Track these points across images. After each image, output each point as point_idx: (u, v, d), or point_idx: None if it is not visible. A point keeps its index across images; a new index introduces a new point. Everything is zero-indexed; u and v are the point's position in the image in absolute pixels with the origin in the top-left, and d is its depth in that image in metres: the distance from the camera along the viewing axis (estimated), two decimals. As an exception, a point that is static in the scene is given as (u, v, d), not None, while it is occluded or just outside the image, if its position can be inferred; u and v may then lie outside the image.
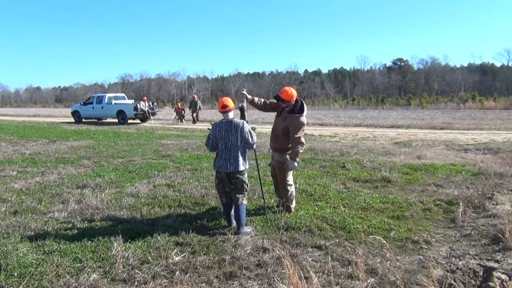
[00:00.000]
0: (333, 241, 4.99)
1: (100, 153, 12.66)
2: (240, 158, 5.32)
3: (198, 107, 27.80)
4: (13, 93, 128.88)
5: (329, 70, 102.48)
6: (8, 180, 8.60)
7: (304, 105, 5.98)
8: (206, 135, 5.59)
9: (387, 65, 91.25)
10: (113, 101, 28.88)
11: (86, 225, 5.61)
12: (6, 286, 3.87)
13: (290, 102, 5.89)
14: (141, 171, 9.52)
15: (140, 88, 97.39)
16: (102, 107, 28.45)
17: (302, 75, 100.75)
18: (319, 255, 4.63)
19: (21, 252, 4.61)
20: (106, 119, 29.99)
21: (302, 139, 5.81)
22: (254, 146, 5.44)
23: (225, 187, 5.42)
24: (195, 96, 29.17)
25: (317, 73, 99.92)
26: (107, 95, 29.77)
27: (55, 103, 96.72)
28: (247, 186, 5.46)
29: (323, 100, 66.52)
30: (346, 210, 6.25)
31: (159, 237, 5.04)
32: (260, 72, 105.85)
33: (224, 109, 5.41)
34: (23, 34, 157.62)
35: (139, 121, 28.73)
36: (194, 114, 27.49)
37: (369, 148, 13.17)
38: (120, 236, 4.93)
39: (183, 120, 28.94)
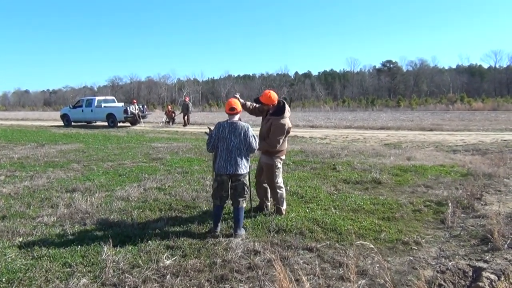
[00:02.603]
0: (324, 243, 5.00)
1: (90, 156, 12.56)
2: (242, 161, 5.33)
3: (189, 109, 27.77)
4: (0, 96, 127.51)
5: (319, 72, 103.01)
6: (-4, 185, 8.50)
7: (286, 106, 5.99)
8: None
9: (377, 67, 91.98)
10: (103, 104, 28.71)
11: (76, 229, 5.57)
12: (-6, 292, 3.83)
13: (269, 105, 5.99)
14: (131, 174, 9.47)
15: (130, 91, 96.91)
16: (92, 110, 28.26)
17: (292, 77, 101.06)
18: (310, 257, 4.63)
19: (9, 258, 4.56)
20: (95, 122, 29.77)
21: (277, 143, 5.88)
22: (256, 150, 5.48)
23: (222, 191, 5.36)
24: (187, 99, 29.08)
25: (308, 75, 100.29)
26: (97, 98, 29.55)
27: (44, 107, 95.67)
28: (248, 189, 5.47)
29: (313, 102, 66.74)
30: (337, 212, 6.27)
31: (149, 241, 5.01)
32: (251, 74, 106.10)
33: (232, 112, 5.46)
34: (10, 37, 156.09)
35: (129, 124, 28.58)
36: (185, 117, 27.44)
37: (360, 150, 13.23)
38: (111, 240, 4.89)
39: (174, 123, 28.87)
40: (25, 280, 4.04)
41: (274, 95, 5.97)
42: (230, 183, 5.37)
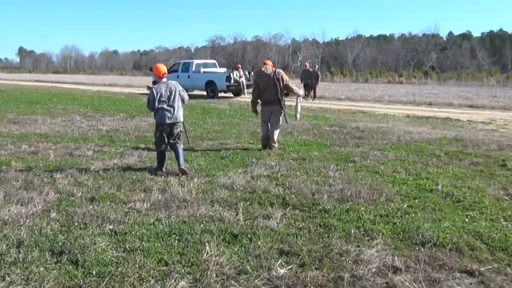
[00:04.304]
0: (490, 266, 4.71)
1: (186, 133, 13.21)
2: (180, 111, 8.47)
3: (318, 78, 27.30)
4: (87, 58, 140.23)
5: (482, 33, 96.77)
6: (84, 161, 9.39)
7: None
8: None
9: None
10: (202, 69, 30.00)
11: (173, 220, 5.91)
12: (84, 285, 4.21)
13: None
14: (235, 157, 9.86)
15: (233, 53, 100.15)
16: (189, 76, 29.60)
17: (444, 39, 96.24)
18: (471, 284, 4.40)
19: (100, 247, 4.98)
20: (192, 91, 31.22)
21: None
22: (186, 102, 8.77)
23: (165, 138, 8.43)
24: (308, 65, 28.97)
25: (466, 36, 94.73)
26: (195, 61, 30.95)
27: (134, 70, 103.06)
28: (181, 134, 8.67)
29: (473, 73, 62.94)
30: (509, 225, 5.85)
31: (259, 242, 5.15)
32: (388, 34, 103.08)
33: (164, 76, 8.52)
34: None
35: (231, 95, 29.45)
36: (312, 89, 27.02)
37: (542, 141, 12.22)
38: (213, 237, 5.12)
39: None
40: (117, 275, 4.38)
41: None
42: (169, 130, 8.40)
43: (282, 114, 10.54)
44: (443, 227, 5.68)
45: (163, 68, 8.62)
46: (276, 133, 10.65)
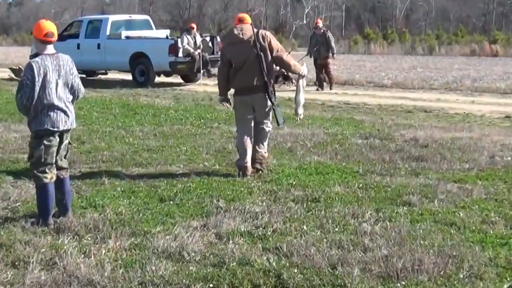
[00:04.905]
0: None
1: (95, 151, 13.20)
2: (73, 109, 8.65)
3: (331, 47, 27.15)
4: None
5: None
6: None
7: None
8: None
9: None
10: (124, 33, 29.87)
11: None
12: None
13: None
14: (187, 197, 9.81)
15: (182, 3, 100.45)
16: (99, 46, 29.63)
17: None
18: None
19: None
20: (106, 73, 31.11)
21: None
22: (81, 96, 9.07)
23: (54, 158, 8.42)
24: (320, 23, 29.14)
25: None
26: (111, 18, 30.89)
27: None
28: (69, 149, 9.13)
29: None
30: None
31: None
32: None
33: (51, 38, 8.25)
34: None
35: (180, 80, 29.43)
36: (324, 69, 27.00)
37: None
38: None
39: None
40: None
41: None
42: (58, 142, 8.45)
43: (272, 109, 10.69)
44: None
45: (49, 26, 8.28)
46: (266, 138, 11.04)
